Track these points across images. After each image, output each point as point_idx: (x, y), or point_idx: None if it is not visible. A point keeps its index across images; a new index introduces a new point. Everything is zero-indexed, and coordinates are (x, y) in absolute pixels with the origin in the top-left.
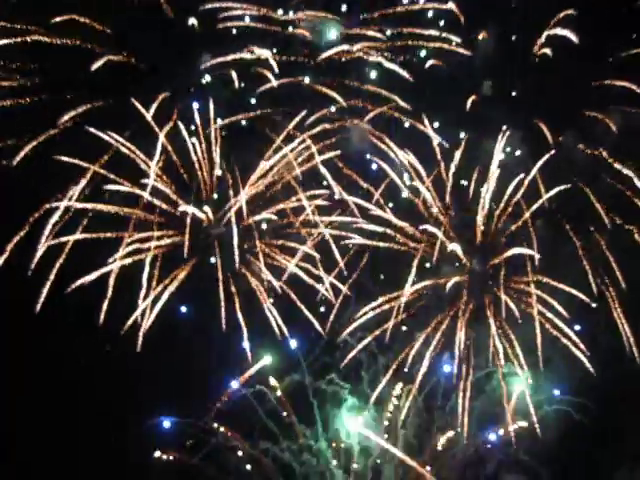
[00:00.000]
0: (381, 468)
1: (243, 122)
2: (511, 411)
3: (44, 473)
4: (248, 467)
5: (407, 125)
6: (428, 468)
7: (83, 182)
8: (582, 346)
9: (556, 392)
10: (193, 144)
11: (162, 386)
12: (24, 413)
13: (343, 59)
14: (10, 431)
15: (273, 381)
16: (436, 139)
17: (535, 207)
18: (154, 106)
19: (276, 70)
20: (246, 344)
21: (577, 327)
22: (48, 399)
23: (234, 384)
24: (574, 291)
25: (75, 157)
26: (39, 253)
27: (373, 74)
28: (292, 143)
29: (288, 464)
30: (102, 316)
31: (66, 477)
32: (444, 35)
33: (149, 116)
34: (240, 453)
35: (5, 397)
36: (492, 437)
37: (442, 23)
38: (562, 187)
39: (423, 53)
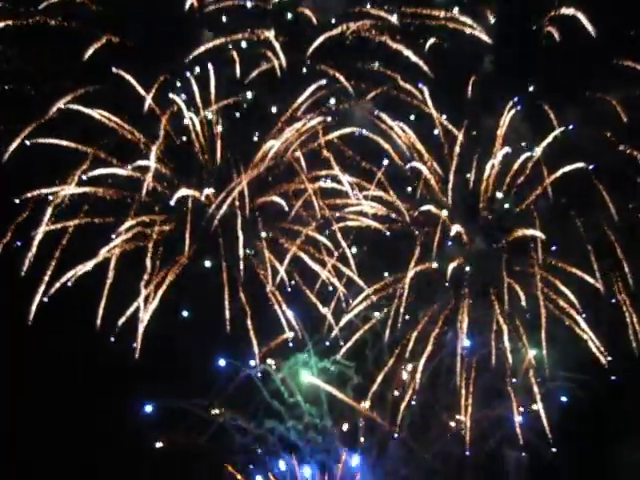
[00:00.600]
0: (387, 445)
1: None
2: (514, 388)
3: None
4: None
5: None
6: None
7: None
8: (586, 327)
9: (559, 369)
10: (194, 125)
11: (164, 369)
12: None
13: (347, 40)
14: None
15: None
16: (439, 119)
17: (540, 189)
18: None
19: (279, 51)
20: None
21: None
22: (47, 389)
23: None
24: (576, 270)
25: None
26: (37, 239)
27: (378, 53)
28: (294, 124)
29: (294, 442)
30: (102, 306)
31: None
32: (451, 15)
33: (149, 98)
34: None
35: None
36: (495, 414)
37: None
38: (568, 168)
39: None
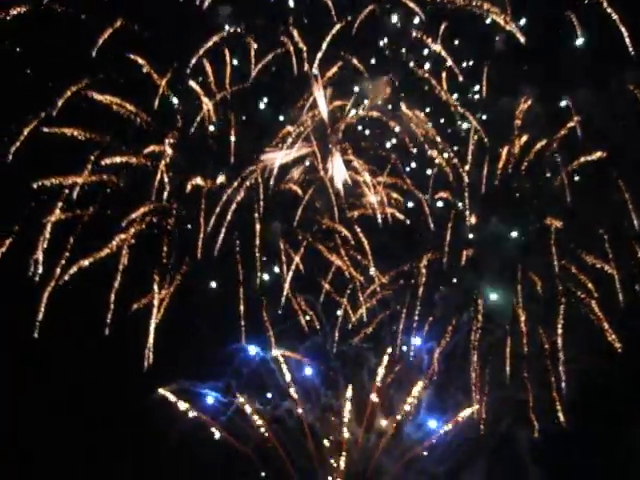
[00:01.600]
0: (403, 426)
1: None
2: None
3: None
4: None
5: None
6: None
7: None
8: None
9: (574, 352)
10: (208, 111)
11: (181, 351)
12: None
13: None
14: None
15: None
16: (452, 100)
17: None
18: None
19: (296, 35)
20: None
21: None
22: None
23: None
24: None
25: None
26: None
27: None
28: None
29: (311, 423)
30: (112, 295)
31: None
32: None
33: (163, 83)
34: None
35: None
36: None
37: None
38: (584, 159)
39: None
